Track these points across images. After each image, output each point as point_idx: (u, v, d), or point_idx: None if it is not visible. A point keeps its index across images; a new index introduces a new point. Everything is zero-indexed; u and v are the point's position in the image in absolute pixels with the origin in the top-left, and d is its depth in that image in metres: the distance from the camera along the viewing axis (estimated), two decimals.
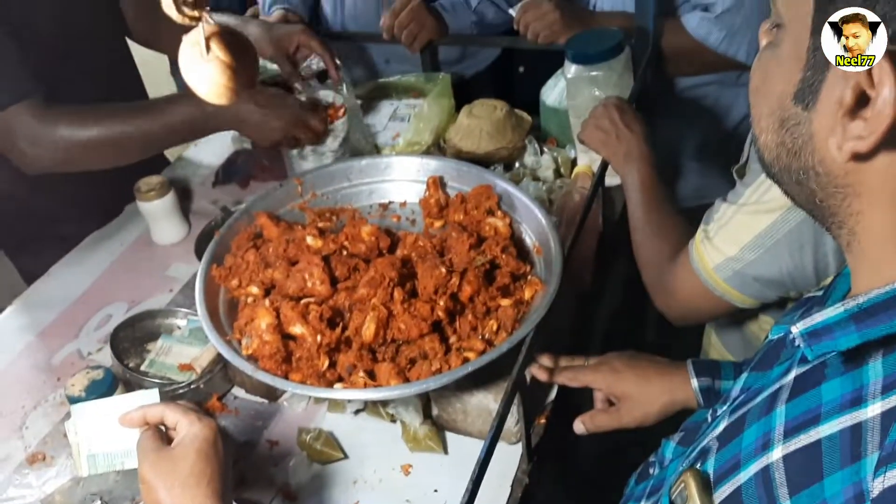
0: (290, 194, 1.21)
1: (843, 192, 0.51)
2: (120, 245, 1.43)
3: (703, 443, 0.66)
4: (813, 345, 0.53)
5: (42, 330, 1.27)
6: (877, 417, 0.47)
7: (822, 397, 0.52)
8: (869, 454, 0.46)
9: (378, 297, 0.98)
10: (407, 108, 1.63)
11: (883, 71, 0.44)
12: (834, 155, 0.49)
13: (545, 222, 1.08)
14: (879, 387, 0.48)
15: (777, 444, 0.53)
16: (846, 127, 0.47)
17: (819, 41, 0.47)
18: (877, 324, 0.49)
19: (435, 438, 1.01)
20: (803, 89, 0.50)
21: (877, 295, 0.50)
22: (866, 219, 0.51)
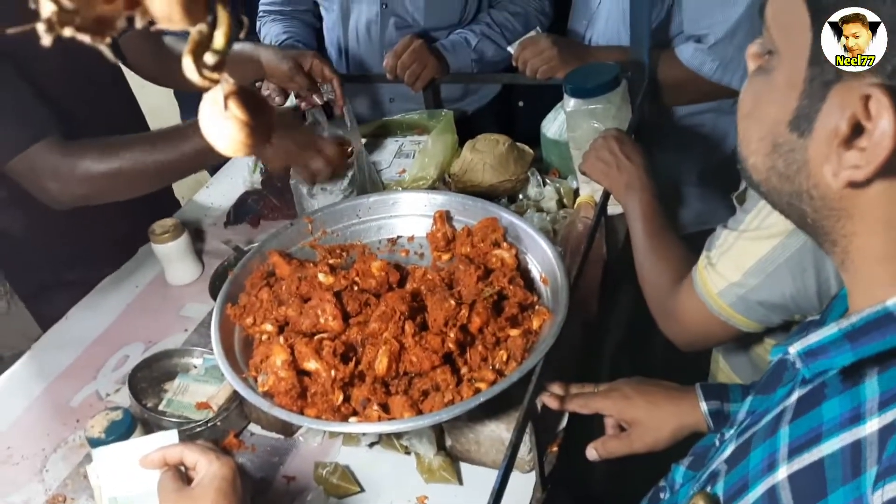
0: (301, 232, 1.25)
1: (836, 215, 0.53)
2: (135, 287, 1.46)
3: (712, 466, 0.68)
4: (810, 364, 0.55)
5: (60, 373, 1.29)
6: (875, 433, 0.48)
7: (823, 416, 0.54)
8: (868, 469, 0.47)
9: (390, 330, 1.00)
10: (412, 145, 1.67)
11: (881, 104, 0.46)
12: (829, 181, 0.50)
13: (550, 252, 1.11)
14: (876, 403, 0.50)
15: (782, 464, 0.54)
16: (841, 156, 0.49)
17: (816, 71, 0.49)
18: (870, 342, 0.51)
19: (449, 469, 1.03)
20: (799, 117, 0.51)
21: (869, 314, 0.51)
22: (858, 240, 0.53)
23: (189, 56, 0.32)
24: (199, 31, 0.32)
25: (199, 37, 0.32)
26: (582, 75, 1.39)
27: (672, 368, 1.19)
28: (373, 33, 1.86)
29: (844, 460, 0.49)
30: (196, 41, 0.32)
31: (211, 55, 0.33)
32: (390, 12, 1.82)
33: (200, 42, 0.32)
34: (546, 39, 1.59)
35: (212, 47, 0.33)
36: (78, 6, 0.31)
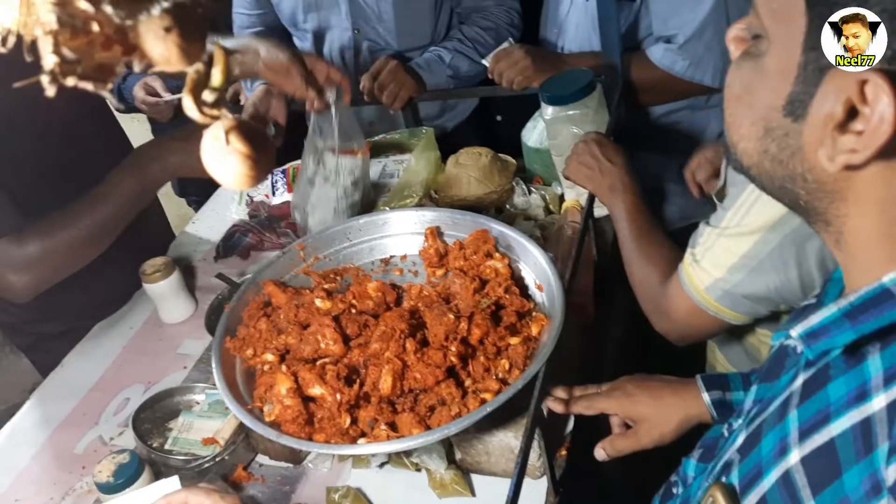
0: (294, 260, 1.25)
1: (829, 197, 0.53)
2: (130, 329, 1.45)
3: (724, 457, 0.68)
4: (812, 345, 0.55)
5: (62, 421, 1.28)
6: (883, 409, 0.49)
7: (830, 397, 0.54)
8: (880, 445, 0.48)
9: (391, 350, 1.00)
10: (395, 165, 1.68)
11: (879, 88, 0.46)
12: (825, 165, 0.50)
13: (542, 259, 1.12)
14: (881, 380, 0.50)
15: (794, 448, 0.55)
16: (836, 140, 0.49)
17: (811, 57, 0.49)
18: (869, 318, 0.51)
19: (461, 482, 1.03)
20: (793, 102, 0.51)
21: (866, 292, 0.52)
22: (852, 221, 0.53)
23: (188, 95, 0.33)
24: (196, 70, 0.33)
25: (197, 76, 0.33)
26: (557, 83, 1.41)
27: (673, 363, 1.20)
28: (347, 58, 1.88)
29: (855, 438, 0.50)
30: (194, 80, 0.33)
31: (209, 93, 0.34)
32: (363, 37, 1.84)
33: (198, 81, 0.33)
34: (519, 50, 1.61)
35: (209, 85, 0.34)
36: (79, 56, 0.32)
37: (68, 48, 0.32)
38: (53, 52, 0.31)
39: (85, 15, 0.31)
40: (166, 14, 0.31)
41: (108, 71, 0.33)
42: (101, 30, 0.32)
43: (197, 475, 1.07)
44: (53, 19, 0.30)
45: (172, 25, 0.31)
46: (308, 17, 1.85)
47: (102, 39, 0.32)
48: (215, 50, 0.33)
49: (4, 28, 0.33)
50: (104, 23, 0.32)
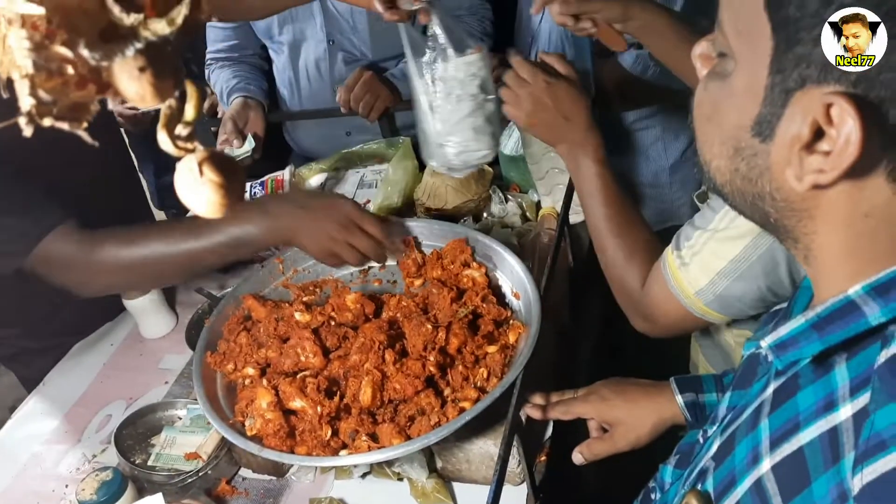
0: (273, 273, 1.26)
1: (797, 216, 0.54)
2: (111, 345, 1.45)
3: (700, 464, 0.69)
4: (781, 355, 0.56)
5: (45, 439, 1.28)
6: (849, 419, 0.50)
7: (799, 406, 0.55)
8: (846, 455, 0.49)
9: (370, 361, 1.02)
10: (373, 175, 1.70)
11: (844, 112, 0.47)
12: (793, 185, 0.51)
13: (519, 267, 1.14)
14: (847, 390, 0.51)
15: (765, 457, 0.56)
16: (803, 160, 0.50)
17: (778, 80, 0.50)
18: (836, 329, 0.53)
19: (443, 490, 1.04)
20: (760, 123, 0.52)
21: (832, 304, 0.53)
22: (819, 238, 0.54)
23: (163, 130, 0.34)
24: (168, 106, 0.35)
25: (170, 111, 0.35)
26: None
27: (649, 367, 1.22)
28: (322, 70, 1.89)
29: (823, 447, 0.51)
30: (168, 115, 0.35)
31: (182, 127, 0.35)
32: (337, 48, 1.85)
33: (171, 116, 0.35)
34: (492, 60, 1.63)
35: (183, 120, 0.35)
36: (54, 97, 0.33)
37: (44, 90, 0.33)
38: (30, 94, 0.32)
39: (61, 58, 0.32)
40: (140, 55, 0.33)
41: (83, 110, 0.34)
42: (76, 70, 0.33)
43: (180, 490, 1.07)
44: (30, 63, 0.31)
45: (146, 65, 0.33)
46: (283, 29, 1.86)
47: (77, 79, 0.33)
48: (188, 86, 0.35)
49: None
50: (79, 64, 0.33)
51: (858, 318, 0.52)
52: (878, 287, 0.51)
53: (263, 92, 1.91)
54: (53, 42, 0.32)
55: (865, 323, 0.51)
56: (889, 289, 0.51)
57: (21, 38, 0.32)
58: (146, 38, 0.33)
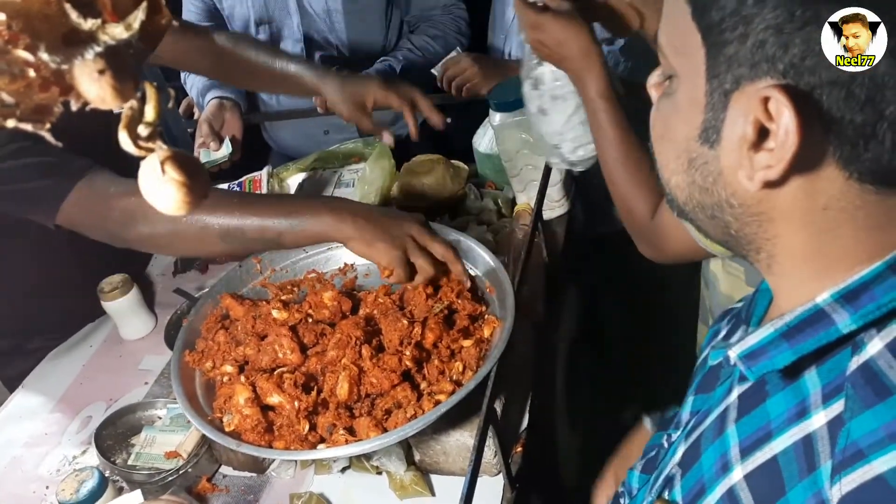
0: (251, 273, 1.27)
1: (757, 220, 0.54)
2: (90, 347, 1.46)
3: (665, 470, 0.68)
4: (752, 366, 0.56)
5: (24, 442, 1.28)
6: (823, 427, 0.49)
7: (770, 413, 0.55)
8: (822, 464, 0.48)
9: (347, 356, 1.03)
10: (350, 174, 1.71)
11: (780, 104, 0.47)
12: (746, 186, 0.51)
13: (493, 263, 1.16)
14: (820, 397, 0.51)
15: (736, 465, 0.55)
16: (752, 159, 0.50)
17: (714, 84, 0.51)
18: (806, 338, 0.52)
19: (421, 483, 1.06)
20: (706, 129, 0.53)
21: (801, 312, 0.53)
22: (781, 241, 0.54)
23: (124, 130, 0.36)
24: (130, 107, 0.36)
25: (132, 112, 0.36)
26: (504, 90, 1.44)
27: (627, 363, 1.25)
28: None
29: (798, 456, 0.50)
30: (129, 117, 0.36)
31: (144, 127, 0.36)
32: (314, 47, 1.86)
33: (132, 117, 0.36)
34: (467, 59, 1.65)
35: (143, 120, 0.36)
36: (17, 99, 0.34)
37: (7, 92, 0.34)
38: None
39: (23, 62, 0.33)
40: (99, 58, 0.34)
41: (47, 111, 0.36)
42: (39, 73, 0.34)
43: (161, 489, 1.08)
44: None
45: (105, 68, 0.34)
46: (260, 28, 1.86)
47: (40, 82, 0.35)
48: (147, 88, 0.36)
49: None
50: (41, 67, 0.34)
51: (829, 327, 0.51)
52: (846, 294, 0.51)
53: (239, 93, 1.92)
54: (16, 46, 0.34)
55: (836, 331, 0.51)
56: (858, 295, 0.51)
57: None
58: (105, 42, 0.34)
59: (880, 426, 0.46)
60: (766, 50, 0.48)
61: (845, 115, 0.47)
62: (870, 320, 0.50)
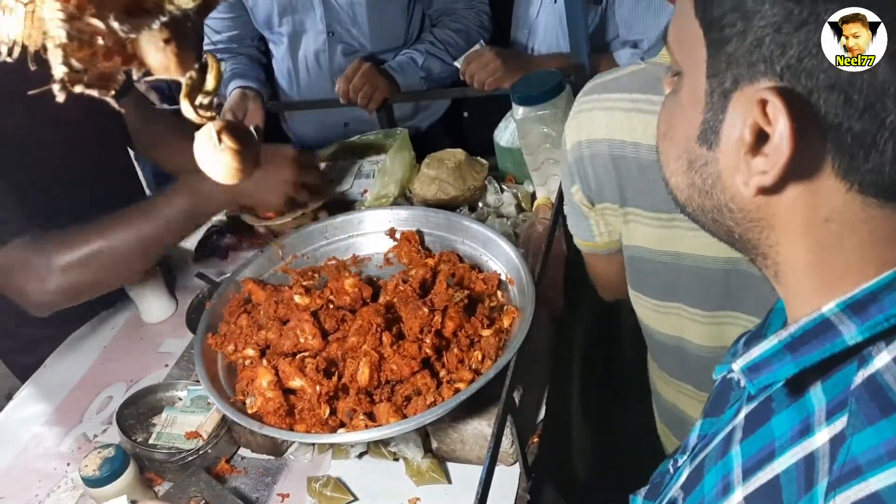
0: (272, 259, 1.28)
1: (758, 226, 0.52)
2: (111, 329, 1.48)
3: (668, 494, 0.67)
4: (754, 379, 0.54)
5: (46, 419, 1.30)
6: (826, 444, 0.47)
7: (774, 432, 0.53)
8: (820, 482, 0.46)
9: (368, 343, 1.04)
10: (370, 165, 1.72)
11: (776, 108, 0.45)
12: (742, 191, 0.50)
13: (514, 254, 1.17)
14: (824, 413, 0.49)
15: (737, 487, 0.53)
16: (749, 163, 0.48)
17: (715, 84, 0.49)
18: (810, 350, 0.50)
19: (437, 470, 1.07)
20: (706, 130, 0.51)
21: (806, 323, 0.50)
22: (784, 250, 0.52)
23: (185, 99, 0.37)
24: (190, 77, 0.37)
25: (192, 82, 0.37)
26: (527, 84, 1.45)
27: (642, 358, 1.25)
28: (321, 61, 1.91)
29: (799, 475, 0.48)
30: (189, 86, 0.37)
31: (203, 96, 0.38)
32: (337, 40, 1.87)
33: (193, 87, 0.37)
34: (490, 52, 1.66)
35: (203, 89, 0.38)
36: (85, 66, 0.35)
37: (75, 59, 0.35)
38: (63, 63, 0.34)
39: (92, 30, 0.34)
40: (165, 27, 0.35)
41: (110, 79, 0.37)
42: (104, 42, 0.36)
43: (181, 468, 1.10)
44: (63, 34, 0.34)
45: (171, 37, 0.35)
46: (283, 20, 1.88)
47: (104, 51, 0.36)
48: (208, 58, 0.37)
49: (10, 40, 0.37)
50: (107, 36, 0.35)
51: (834, 338, 0.49)
52: (853, 304, 0.49)
53: (262, 83, 1.93)
54: (84, 14, 0.35)
55: (842, 342, 0.49)
56: (866, 306, 0.48)
57: (55, 9, 0.34)
58: (170, 12, 0.36)
59: (881, 443, 0.44)
60: (764, 49, 0.46)
61: (843, 122, 0.45)
62: (878, 332, 0.47)
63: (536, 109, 1.42)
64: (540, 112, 1.42)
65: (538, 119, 1.43)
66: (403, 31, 1.91)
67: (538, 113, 1.42)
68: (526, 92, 1.43)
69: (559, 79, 1.43)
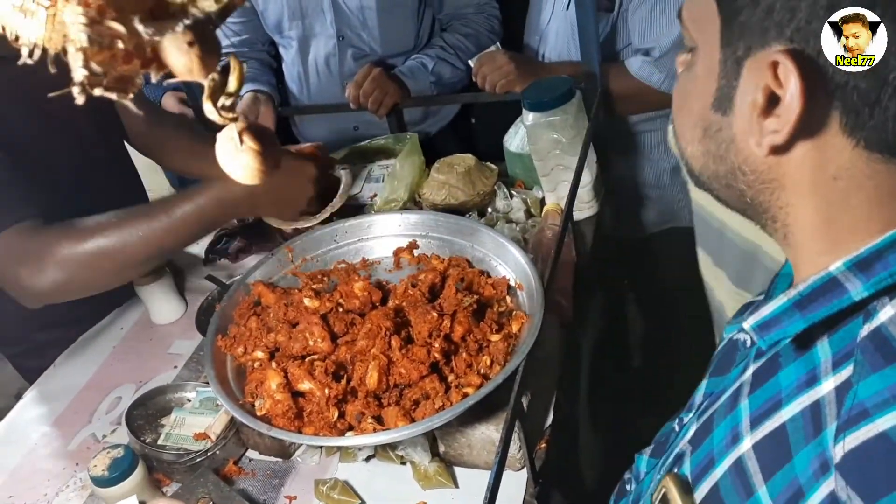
0: (282, 262, 1.29)
1: (769, 187, 0.55)
2: (121, 329, 1.48)
3: (675, 449, 0.69)
4: (764, 336, 0.57)
5: (55, 419, 1.31)
6: (832, 392, 0.50)
7: (781, 384, 0.56)
8: (828, 425, 0.49)
9: (377, 346, 1.04)
10: (380, 169, 1.73)
11: (787, 69, 0.49)
12: (755, 152, 0.53)
13: (523, 259, 1.17)
14: (830, 364, 0.52)
15: (746, 436, 0.56)
16: (762, 125, 0.52)
17: (728, 53, 0.53)
18: (818, 307, 0.53)
19: (445, 474, 1.07)
20: (720, 97, 0.55)
21: (814, 281, 0.54)
22: (795, 210, 0.55)
23: (208, 100, 0.37)
24: (212, 78, 0.38)
25: (214, 83, 0.38)
26: (538, 90, 1.46)
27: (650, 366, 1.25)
28: (332, 65, 1.92)
29: (805, 421, 0.51)
30: (212, 87, 0.37)
31: (226, 98, 0.38)
32: (347, 44, 1.88)
33: (215, 88, 0.38)
34: (503, 55, 1.66)
35: (226, 91, 0.38)
36: (104, 69, 0.36)
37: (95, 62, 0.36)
38: (83, 66, 0.35)
39: (113, 33, 0.35)
40: (189, 30, 0.36)
41: (129, 82, 0.37)
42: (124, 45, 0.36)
43: (189, 469, 1.10)
44: (84, 37, 0.34)
45: (194, 40, 0.36)
46: (293, 24, 1.89)
47: (124, 54, 0.36)
48: (231, 60, 0.38)
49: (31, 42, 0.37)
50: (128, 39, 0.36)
51: (841, 295, 0.52)
52: (859, 262, 0.52)
53: (273, 87, 1.94)
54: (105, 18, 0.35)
55: (849, 299, 0.52)
56: (871, 263, 0.52)
57: (76, 13, 0.34)
58: (194, 15, 0.36)
59: (886, 387, 0.47)
60: (775, 16, 0.49)
61: (849, 81, 0.49)
62: (882, 288, 0.51)
63: (547, 115, 1.43)
64: (550, 118, 1.43)
65: (548, 125, 1.43)
66: (413, 36, 1.92)
67: (548, 119, 1.43)
68: (537, 98, 1.43)
69: (570, 85, 1.43)
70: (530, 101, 1.43)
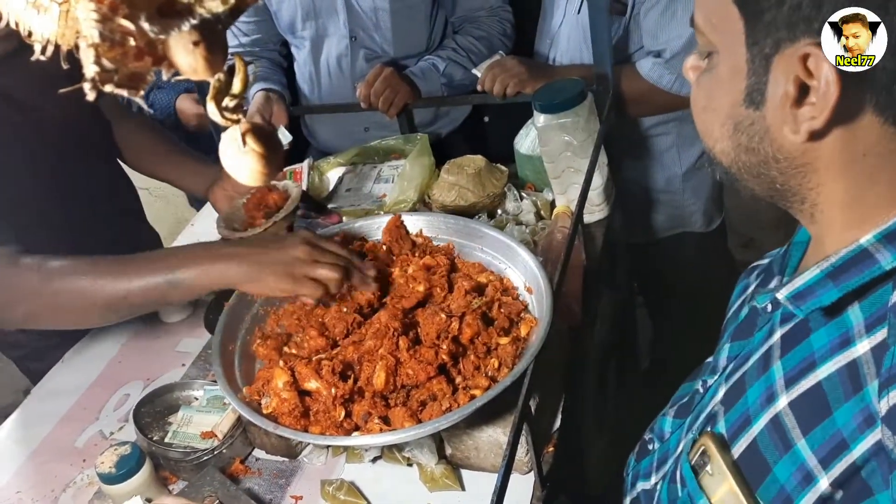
0: None
1: (802, 171, 0.59)
2: (129, 327, 1.49)
3: (706, 410, 0.73)
4: (801, 305, 0.61)
5: (62, 416, 1.31)
6: (868, 352, 0.55)
7: (813, 346, 0.60)
8: (870, 383, 0.54)
9: (385, 347, 1.04)
10: (390, 170, 1.72)
11: (818, 58, 0.52)
12: (791, 139, 0.57)
13: (532, 262, 1.16)
14: (863, 327, 0.56)
15: (781, 395, 0.60)
16: (796, 114, 0.56)
17: (755, 51, 0.56)
18: (850, 277, 0.58)
19: (451, 476, 1.07)
20: (751, 94, 0.58)
21: (846, 253, 0.58)
22: (826, 189, 0.59)
23: (211, 101, 0.37)
24: (218, 79, 0.38)
25: (219, 84, 0.37)
26: (549, 92, 1.45)
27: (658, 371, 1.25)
28: (343, 66, 1.92)
29: (843, 379, 0.56)
30: (216, 88, 0.37)
31: (230, 99, 0.38)
32: (359, 45, 1.88)
33: (220, 89, 0.37)
34: (512, 59, 1.66)
35: (230, 92, 0.38)
36: (116, 66, 0.36)
37: (107, 59, 0.36)
38: (95, 62, 0.35)
39: (124, 30, 0.35)
40: (194, 30, 0.36)
41: (140, 79, 0.37)
42: (136, 42, 0.36)
43: (195, 467, 1.10)
44: (96, 34, 0.34)
45: (200, 40, 0.35)
46: (306, 24, 1.89)
47: (135, 51, 0.36)
48: (236, 61, 0.37)
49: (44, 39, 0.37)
50: (138, 37, 0.36)
51: (872, 265, 0.57)
52: (888, 234, 0.57)
53: (284, 86, 1.95)
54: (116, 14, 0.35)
55: (879, 268, 0.56)
56: None
57: (89, 9, 0.34)
58: (200, 15, 0.36)
59: None
60: (802, 11, 0.53)
61: (878, 62, 0.52)
62: None
63: (558, 117, 1.42)
64: (561, 120, 1.42)
65: (559, 127, 1.42)
66: (426, 38, 1.91)
67: (560, 121, 1.42)
68: (548, 99, 1.43)
69: (581, 87, 1.43)
70: (541, 103, 1.43)
